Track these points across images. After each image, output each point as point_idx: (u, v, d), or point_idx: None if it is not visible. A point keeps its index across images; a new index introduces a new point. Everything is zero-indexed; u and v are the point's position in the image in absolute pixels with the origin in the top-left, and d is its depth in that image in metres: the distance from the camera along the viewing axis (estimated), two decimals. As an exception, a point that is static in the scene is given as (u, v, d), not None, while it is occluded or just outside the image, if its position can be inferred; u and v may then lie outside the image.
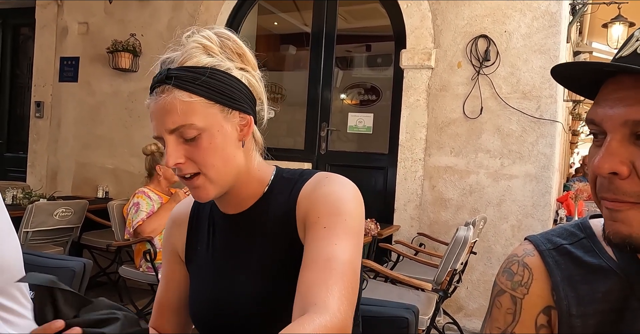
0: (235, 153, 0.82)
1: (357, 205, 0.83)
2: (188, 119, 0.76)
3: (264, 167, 0.90)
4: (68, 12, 4.54)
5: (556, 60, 3.24)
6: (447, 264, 2.47)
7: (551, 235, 0.69)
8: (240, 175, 0.84)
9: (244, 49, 0.84)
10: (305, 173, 0.88)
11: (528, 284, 0.66)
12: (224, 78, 0.79)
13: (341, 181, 0.84)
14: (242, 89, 0.82)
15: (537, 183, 3.24)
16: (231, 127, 0.80)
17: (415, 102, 3.52)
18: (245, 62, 0.84)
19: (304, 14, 4.34)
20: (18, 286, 1.01)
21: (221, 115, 0.79)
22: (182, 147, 0.78)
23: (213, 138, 0.78)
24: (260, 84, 0.86)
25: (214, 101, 0.78)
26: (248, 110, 0.82)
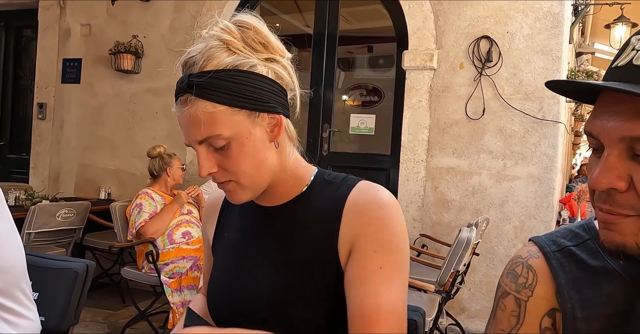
0: (268, 156, 0.79)
1: (406, 236, 0.81)
2: (214, 130, 0.74)
3: (302, 165, 0.86)
4: (70, 13, 4.55)
5: (558, 61, 3.23)
6: (450, 266, 2.46)
7: (556, 236, 0.68)
8: (275, 174, 0.81)
9: (268, 37, 0.79)
10: (349, 179, 0.85)
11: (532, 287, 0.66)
12: (248, 79, 0.75)
13: (394, 204, 0.80)
14: (270, 87, 0.77)
15: (540, 184, 3.24)
16: (261, 131, 0.77)
17: (418, 104, 3.51)
18: (271, 51, 0.78)
19: (306, 15, 4.34)
20: (20, 287, 1.01)
21: (248, 120, 0.75)
22: (213, 156, 0.77)
23: (242, 146, 0.75)
24: (291, 71, 0.82)
25: (239, 107, 0.74)
26: (278, 108, 0.78)
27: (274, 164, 0.80)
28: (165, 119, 4.20)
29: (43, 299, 1.15)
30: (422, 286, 2.41)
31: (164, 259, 2.82)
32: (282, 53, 0.80)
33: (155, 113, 4.24)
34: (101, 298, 3.59)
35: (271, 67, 0.78)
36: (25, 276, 1.03)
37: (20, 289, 1.01)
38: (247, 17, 0.79)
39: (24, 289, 1.02)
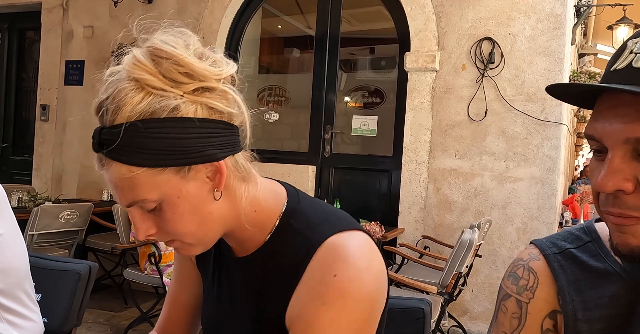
0: (212, 209, 0.66)
1: (368, 321, 0.66)
2: (137, 196, 0.62)
3: (263, 206, 0.72)
4: (73, 16, 4.56)
5: (561, 62, 3.23)
6: (453, 267, 2.46)
7: (556, 239, 0.69)
8: (228, 224, 0.70)
9: (192, 64, 0.62)
10: (316, 232, 0.69)
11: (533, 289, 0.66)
12: (169, 129, 0.60)
13: (355, 288, 0.64)
14: (201, 130, 0.62)
15: (543, 186, 3.23)
16: (196, 185, 0.64)
17: (420, 105, 3.51)
18: (200, 79, 0.63)
19: (308, 16, 4.35)
20: (24, 288, 1.01)
21: (177, 178, 0.62)
22: (148, 217, 0.66)
23: (175, 207, 0.64)
24: (233, 94, 0.66)
25: (162, 166, 0.61)
26: (216, 153, 0.64)
27: (223, 214, 0.68)
28: (168, 121, 4.20)
29: (46, 300, 1.15)
30: (425, 288, 2.41)
31: (166, 260, 2.83)
32: (217, 75, 0.65)
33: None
34: (103, 299, 3.59)
35: (202, 101, 0.63)
36: (29, 277, 1.04)
37: (24, 291, 1.01)
38: (163, 40, 0.63)
39: (27, 291, 1.02)
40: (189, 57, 0.63)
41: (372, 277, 0.66)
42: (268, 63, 4.90)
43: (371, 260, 0.67)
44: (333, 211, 0.76)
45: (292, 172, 3.74)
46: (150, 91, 0.61)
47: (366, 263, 0.66)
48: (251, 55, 4.49)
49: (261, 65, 4.75)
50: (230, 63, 0.68)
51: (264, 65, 4.82)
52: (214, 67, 0.65)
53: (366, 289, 0.65)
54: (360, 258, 0.66)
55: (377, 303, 0.67)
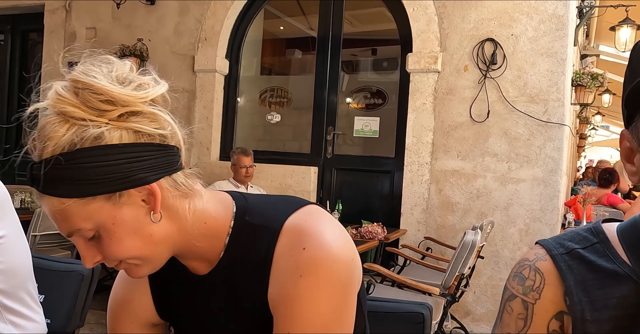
0: (153, 230, 0.66)
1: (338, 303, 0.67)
2: (73, 226, 0.63)
3: (212, 215, 0.72)
4: (76, 17, 4.58)
5: (563, 63, 3.23)
6: (455, 269, 2.45)
7: (563, 239, 0.68)
8: (176, 243, 0.69)
9: (111, 91, 0.62)
10: (272, 219, 0.71)
11: (540, 289, 0.65)
12: (94, 157, 0.60)
13: (322, 265, 0.66)
14: (129, 155, 0.62)
15: (545, 187, 3.22)
16: (131, 209, 0.64)
17: (422, 106, 3.51)
18: (122, 104, 0.62)
19: (310, 18, 4.36)
20: (27, 289, 1.01)
21: (109, 204, 0.63)
22: (91, 245, 0.66)
23: (112, 233, 0.64)
24: (161, 114, 0.66)
25: (90, 195, 0.61)
26: (147, 176, 0.63)
27: (167, 234, 0.68)
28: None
29: (49, 301, 1.15)
30: (427, 289, 2.40)
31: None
32: (142, 98, 0.64)
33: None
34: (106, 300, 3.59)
35: (127, 126, 0.62)
36: (32, 278, 1.04)
37: (27, 292, 1.01)
38: (82, 71, 0.64)
39: (30, 292, 1.02)
40: (108, 84, 0.63)
41: (337, 238, 0.69)
42: (270, 64, 4.90)
43: (332, 227, 0.70)
44: (280, 198, 0.78)
45: (294, 174, 3.74)
46: (74, 122, 0.61)
47: (327, 228, 0.69)
48: (253, 56, 4.50)
49: (263, 67, 4.75)
50: (159, 84, 0.68)
51: (266, 67, 4.83)
52: (137, 91, 0.64)
53: (337, 250, 0.67)
54: (320, 225, 0.69)
55: (352, 261, 0.69)
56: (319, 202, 3.72)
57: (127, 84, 0.64)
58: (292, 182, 3.73)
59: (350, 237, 0.72)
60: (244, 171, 3.43)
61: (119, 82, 0.64)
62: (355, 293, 0.70)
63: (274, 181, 3.76)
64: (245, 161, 3.44)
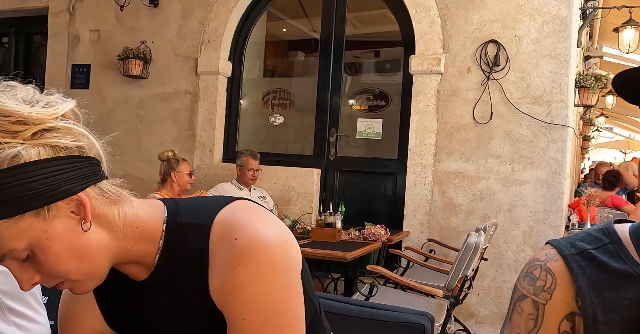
0: (88, 240, 0.66)
1: (286, 286, 0.68)
2: (5, 247, 0.62)
3: (143, 219, 0.72)
4: (80, 20, 4.59)
5: (567, 64, 3.22)
6: (459, 271, 2.45)
7: (574, 240, 0.67)
8: (114, 250, 0.70)
9: (20, 112, 0.62)
10: (203, 216, 0.72)
11: (551, 290, 0.65)
12: (14, 176, 0.60)
13: (259, 252, 0.67)
14: (50, 169, 0.62)
15: (549, 189, 3.21)
16: (62, 221, 0.64)
17: (425, 108, 3.51)
18: (34, 123, 0.63)
19: (313, 20, 4.36)
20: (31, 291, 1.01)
21: (39, 220, 0.62)
22: (26, 266, 0.65)
23: (47, 249, 0.63)
24: (75, 128, 0.67)
25: (18, 213, 0.61)
26: (72, 187, 0.64)
27: (102, 241, 0.68)
28: (173, 124, 4.22)
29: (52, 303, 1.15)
30: (430, 291, 2.40)
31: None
32: (52, 114, 0.65)
33: (163, 118, 4.26)
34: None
35: (43, 142, 0.63)
36: (35, 280, 1.04)
37: (31, 293, 1.01)
38: None
39: (34, 293, 1.02)
40: (15, 106, 0.63)
41: (267, 224, 0.70)
42: (273, 66, 4.91)
43: (260, 215, 0.72)
44: (210, 198, 0.80)
45: (297, 175, 3.74)
46: None
47: (255, 218, 0.71)
48: (256, 58, 4.51)
49: (266, 69, 4.76)
50: (66, 101, 0.70)
51: (269, 69, 4.83)
52: (47, 108, 0.65)
53: (268, 235, 0.69)
54: (248, 216, 0.71)
55: (285, 243, 0.70)
56: (322, 204, 3.72)
57: (35, 104, 0.65)
58: (295, 184, 3.73)
59: (282, 224, 0.74)
60: (250, 174, 3.44)
61: (26, 102, 0.64)
62: (297, 273, 0.71)
63: (277, 183, 3.76)
64: (253, 164, 3.45)
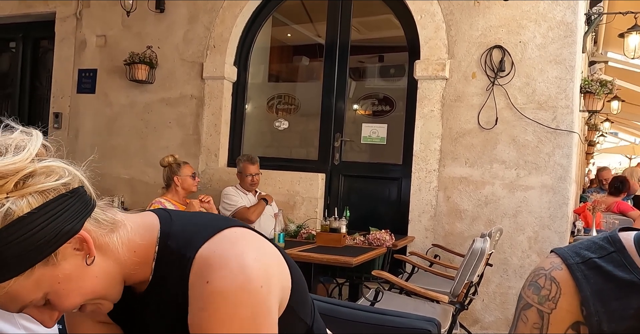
0: (96, 273, 0.67)
1: (249, 324, 0.66)
2: (23, 301, 0.63)
3: (138, 242, 0.72)
4: (87, 25, 4.63)
5: (572, 70, 3.22)
6: (464, 276, 2.44)
7: (579, 248, 0.67)
8: (120, 273, 0.71)
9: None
10: (189, 246, 0.71)
11: (556, 299, 0.65)
12: (14, 234, 0.58)
13: (228, 295, 0.65)
14: (45, 218, 0.60)
15: (554, 194, 3.20)
16: (69, 262, 0.64)
17: (430, 113, 3.51)
18: (11, 174, 0.60)
19: (318, 25, 4.38)
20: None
21: (49, 267, 0.62)
22: (45, 308, 0.66)
23: (61, 291, 0.64)
24: (57, 164, 0.65)
25: (28, 268, 0.60)
26: (72, 228, 0.63)
27: (109, 270, 0.69)
28: (179, 129, 4.24)
29: (60, 307, 1.16)
30: (436, 297, 2.39)
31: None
32: (27, 159, 0.62)
33: (169, 123, 4.28)
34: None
35: (29, 191, 0.60)
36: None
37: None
38: None
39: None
40: None
41: (244, 267, 0.66)
42: (278, 71, 4.93)
43: (242, 254, 0.68)
44: (206, 220, 0.77)
45: (302, 180, 3.75)
46: None
47: (236, 261, 0.67)
48: (261, 63, 4.53)
49: (271, 74, 4.78)
50: (32, 134, 0.65)
51: (274, 74, 4.85)
52: (18, 153, 0.62)
53: (241, 283, 0.65)
54: (228, 256, 0.67)
55: (262, 289, 0.67)
56: (327, 209, 3.72)
57: (5, 153, 0.61)
58: (300, 188, 3.73)
59: (268, 258, 0.71)
60: (250, 179, 3.44)
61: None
62: (271, 318, 0.69)
63: (282, 188, 3.76)
64: (251, 169, 3.45)
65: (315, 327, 0.86)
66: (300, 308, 0.79)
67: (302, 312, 0.80)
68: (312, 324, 0.84)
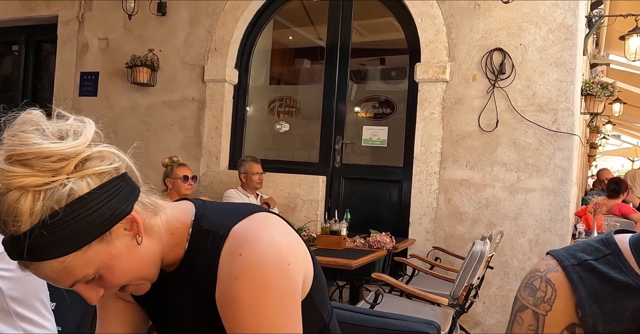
0: (141, 253, 0.72)
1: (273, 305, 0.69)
2: (76, 276, 0.67)
3: (175, 224, 0.77)
4: (89, 28, 4.65)
5: (573, 72, 3.22)
6: (464, 279, 2.44)
7: (574, 250, 0.67)
8: (160, 255, 0.76)
9: (60, 151, 0.64)
10: (221, 226, 0.76)
11: (551, 301, 0.65)
12: (74, 212, 0.63)
13: (255, 269, 0.69)
14: (102, 198, 0.66)
15: (555, 197, 3.20)
16: (121, 241, 0.69)
17: (430, 116, 3.51)
18: (71, 157, 0.65)
19: (319, 28, 4.39)
20: (40, 297, 1.02)
21: (103, 245, 0.67)
22: (92, 285, 0.71)
23: (112, 267, 0.69)
24: (109, 149, 0.70)
25: (86, 244, 0.65)
26: (124, 210, 0.68)
27: (152, 251, 0.74)
28: (180, 131, 4.25)
29: (60, 309, 1.16)
30: (436, 300, 2.39)
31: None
32: (84, 143, 0.67)
33: (170, 125, 4.29)
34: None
35: (87, 173, 0.65)
36: (44, 286, 1.05)
37: (39, 300, 1.02)
38: (21, 142, 0.64)
39: (42, 300, 1.03)
40: (53, 145, 0.64)
41: (274, 244, 0.72)
42: (279, 74, 4.94)
43: (272, 233, 0.73)
44: (237, 206, 0.83)
45: (303, 183, 3.75)
46: (37, 190, 0.63)
47: (267, 237, 0.72)
48: (262, 66, 4.54)
49: (272, 76, 4.79)
50: (85, 122, 0.71)
51: (275, 76, 4.86)
52: (77, 139, 0.67)
53: (272, 257, 0.70)
54: (259, 232, 0.73)
55: (289, 266, 0.72)
56: (327, 211, 3.72)
57: (66, 137, 0.67)
58: (301, 191, 3.74)
59: (295, 243, 0.76)
60: (257, 178, 3.45)
61: (59, 137, 0.66)
62: (295, 296, 0.73)
63: (283, 190, 3.77)
64: (257, 167, 3.47)
65: (331, 326, 0.88)
66: (320, 301, 0.82)
67: (321, 305, 0.83)
68: (329, 322, 0.86)
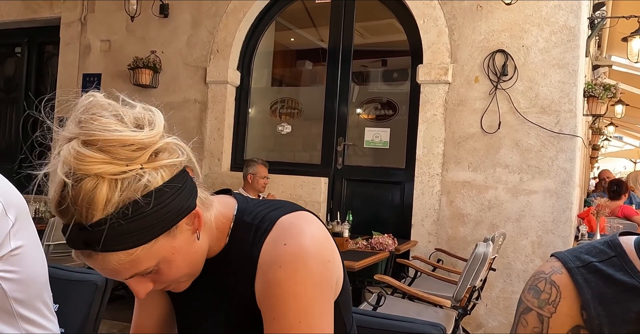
0: (197, 248, 0.72)
1: (315, 293, 0.70)
2: (138, 269, 0.66)
3: (221, 219, 0.77)
4: (91, 30, 4.66)
5: (575, 74, 3.21)
6: (467, 281, 2.43)
7: (579, 252, 0.67)
8: (206, 250, 0.76)
9: (140, 140, 0.64)
10: (266, 219, 0.76)
11: (556, 303, 0.65)
12: (149, 207, 0.63)
13: (300, 258, 0.70)
14: (172, 192, 0.65)
15: (558, 199, 3.19)
16: (182, 236, 0.69)
17: (432, 117, 3.51)
18: (147, 145, 0.64)
19: (321, 30, 4.39)
20: (43, 299, 1.02)
21: (168, 238, 0.67)
22: (146, 279, 0.70)
23: (172, 262, 0.69)
24: (176, 142, 0.69)
25: (155, 238, 0.65)
26: (190, 204, 0.68)
27: (204, 246, 0.74)
28: (182, 133, 4.24)
29: (63, 310, 1.16)
30: (438, 302, 2.38)
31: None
32: (158, 133, 0.67)
33: (173, 127, 4.29)
34: (117, 309, 3.60)
35: (160, 164, 0.65)
36: (47, 288, 1.05)
37: (42, 301, 1.02)
38: (101, 127, 0.63)
39: (45, 301, 1.03)
40: (133, 134, 0.64)
41: (317, 240, 0.72)
42: (281, 75, 4.94)
43: (315, 230, 0.74)
44: (279, 202, 0.82)
45: (304, 184, 3.75)
46: (113, 178, 0.61)
47: (311, 233, 0.73)
48: (264, 68, 4.54)
49: (274, 78, 4.79)
50: (153, 111, 0.70)
51: (277, 78, 4.87)
52: (152, 129, 0.66)
53: (314, 250, 0.71)
54: (304, 227, 0.74)
55: (328, 263, 0.73)
56: (329, 213, 3.72)
57: (143, 126, 0.66)
58: (303, 192, 3.74)
59: (333, 245, 0.76)
60: (263, 182, 3.48)
61: (137, 126, 0.66)
62: (331, 294, 0.73)
63: (285, 192, 3.77)
64: (265, 171, 3.50)
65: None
66: (345, 309, 0.82)
67: (345, 314, 0.83)
68: (350, 331, 0.86)
